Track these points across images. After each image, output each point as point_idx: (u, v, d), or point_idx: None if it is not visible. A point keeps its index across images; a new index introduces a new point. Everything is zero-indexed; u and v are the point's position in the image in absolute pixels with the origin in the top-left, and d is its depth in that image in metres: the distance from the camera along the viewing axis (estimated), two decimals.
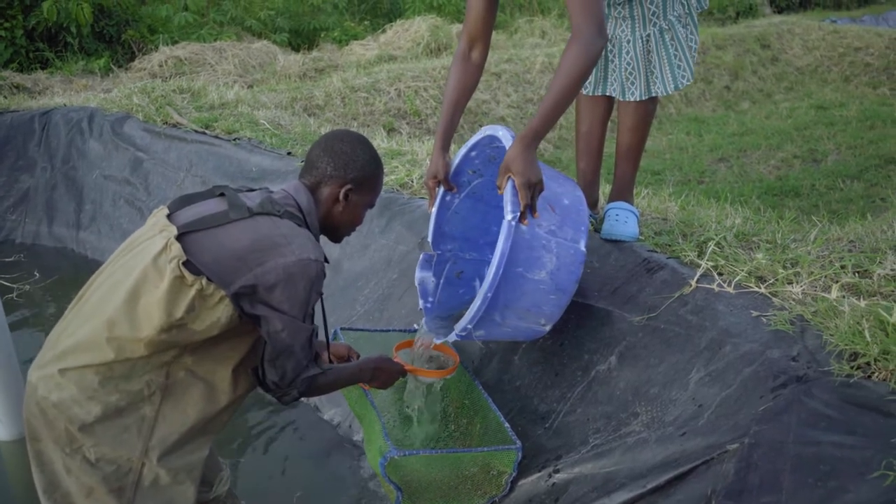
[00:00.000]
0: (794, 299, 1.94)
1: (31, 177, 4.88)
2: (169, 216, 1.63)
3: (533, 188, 1.83)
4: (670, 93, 2.37)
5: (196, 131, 4.46)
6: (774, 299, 1.95)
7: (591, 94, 2.51)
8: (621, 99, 2.44)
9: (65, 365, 1.53)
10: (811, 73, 10.54)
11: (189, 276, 1.51)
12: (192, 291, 1.52)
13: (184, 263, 1.52)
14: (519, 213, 1.82)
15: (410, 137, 5.29)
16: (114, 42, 8.56)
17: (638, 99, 2.39)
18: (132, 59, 8.27)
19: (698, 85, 9.35)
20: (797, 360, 1.69)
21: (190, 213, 1.63)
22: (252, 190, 1.77)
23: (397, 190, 3.35)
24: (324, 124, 5.13)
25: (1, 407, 2.64)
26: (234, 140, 4.26)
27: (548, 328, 2.03)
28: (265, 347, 1.63)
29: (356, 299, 3.08)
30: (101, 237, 4.55)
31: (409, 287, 2.91)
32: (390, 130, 6.49)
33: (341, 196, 1.78)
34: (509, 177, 1.84)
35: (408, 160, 3.68)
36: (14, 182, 4.86)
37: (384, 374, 1.98)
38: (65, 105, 5.19)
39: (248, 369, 1.71)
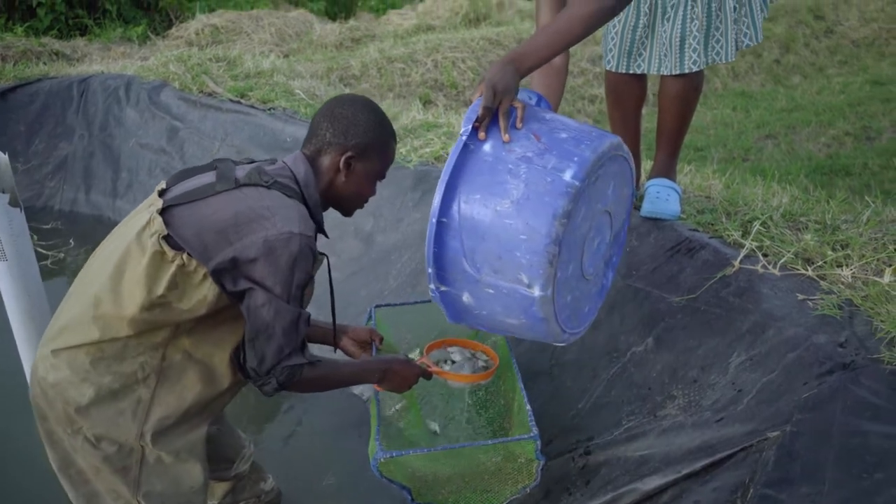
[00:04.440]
0: (843, 283, 1.85)
1: (69, 144, 4.92)
2: (165, 191, 1.58)
3: (499, 95, 1.62)
4: (709, 64, 2.22)
5: (231, 101, 4.44)
6: (822, 282, 1.87)
7: (615, 69, 2.35)
8: (654, 73, 2.30)
9: (57, 345, 1.50)
10: (868, 47, 10.09)
11: (169, 252, 1.46)
12: (173, 267, 1.46)
13: (165, 238, 1.46)
14: (472, 125, 1.61)
15: (447, 109, 5.21)
16: (151, 9, 8.61)
17: (675, 73, 2.24)
18: (169, 26, 8.31)
19: (746, 59, 9.04)
20: (845, 346, 1.62)
21: (183, 187, 1.57)
22: (253, 162, 1.68)
23: (432, 163, 3.29)
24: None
25: None
26: (269, 110, 4.24)
27: (537, 293, 1.56)
28: (246, 326, 1.52)
29: (389, 273, 3.05)
30: (136, 206, 4.54)
31: None
32: (426, 102, 6.41)
33: (342, 164, 1.65)
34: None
35: (444, 132, 3.62)
36: (53, 149, 4.91)
37: (397, 377, 1.79)
38: (102, 72, 5.21)
39: None
